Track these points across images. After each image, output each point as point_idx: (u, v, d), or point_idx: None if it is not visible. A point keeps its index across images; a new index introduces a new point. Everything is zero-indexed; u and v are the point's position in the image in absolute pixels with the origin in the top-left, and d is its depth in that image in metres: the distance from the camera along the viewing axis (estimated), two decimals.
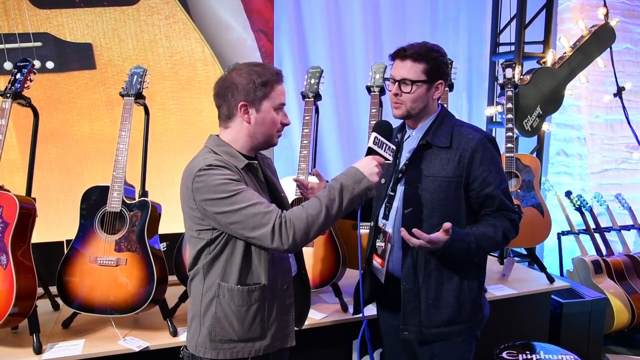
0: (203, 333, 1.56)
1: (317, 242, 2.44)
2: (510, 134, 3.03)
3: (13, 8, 2.88)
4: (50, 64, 2.97)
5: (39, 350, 1.98)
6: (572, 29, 4.12)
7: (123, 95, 2.27)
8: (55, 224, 2.97)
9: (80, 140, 3.08)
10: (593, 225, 3.86)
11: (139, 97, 2.28)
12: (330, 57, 3.69)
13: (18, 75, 2.16)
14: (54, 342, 2.07)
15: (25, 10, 2.90)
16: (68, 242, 2.27)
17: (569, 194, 3.93)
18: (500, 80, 3.26)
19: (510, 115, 3.10)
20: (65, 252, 2.18)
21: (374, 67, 2.69)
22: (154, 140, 2.67)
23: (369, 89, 2.67)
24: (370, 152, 1.58)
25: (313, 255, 2.42)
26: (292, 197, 2.42)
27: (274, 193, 1.70)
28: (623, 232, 4.00)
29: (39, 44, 2.94)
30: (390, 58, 1.75)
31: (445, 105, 1.87)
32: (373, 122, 2.60)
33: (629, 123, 4.12)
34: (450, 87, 2.79)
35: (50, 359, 1.96)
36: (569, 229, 3.87)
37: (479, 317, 1.82)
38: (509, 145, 3.00)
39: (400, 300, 1.76)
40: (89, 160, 3.09)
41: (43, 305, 2.33)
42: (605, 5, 3.71)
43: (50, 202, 3.01)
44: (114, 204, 2.15)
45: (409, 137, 1.83)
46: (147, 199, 2.19)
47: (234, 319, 1.54)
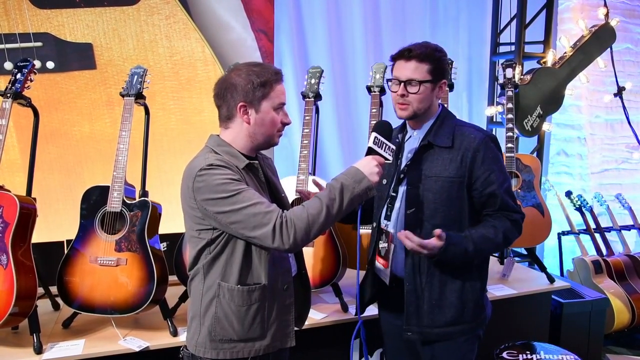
0: (203, 333, 1.56)
1: (317, 242, 2.44)
2: (511, 134, 3.03)
3: (13, 8, 2.88)
4: (51, 64, 2.97)
5: (39, 350, 1.98)
6: (572, 29, 4.12)
7: (123, 95, 2.27)
8: (56, 224, 2.97)
9: (81, 140, 3.08)
10: (593, 225, 3.86)
11: (139, 97, 2.28)
12: (331, 57, 3.69)
13: (18, 75, 2.16)
14: (54, 342, 2.07)
15: (26, 10, 2.90)
16: (68, 242, 2.27)
17: (569, 194, 3.93)
18: (501, 80, 3.27)
19: (511, 115, 3.10)
20: (66, 252, 2.18)
21: (374, 67, 2.69)
22: (154, 140, 2.68)
23: (369, 89, 2.67)
24: (371, 152, 1.58)
25: (313, 255, 2.42)
26: (292, 197, 2.42)
27: (275, 193, 1.70)
28: (623, 232, 4.00)
29: (40, 44, 2.94)
30: (392, 59, 1.74)
31: (446, 105, 1.87)
32: (373, 122, 2.60)
33: (629, 123, 4.12)
34: (451, 87, 2.79)
35: (51, 359, 1.95)
36: (569, 229, 3.87)
37: (482, 317, 1.82)
38: (509, 145, 3.00)
39: (403, 301, 1.76)
40: (89, 160, 3.09)
41: (43, 305, 2.32)
42: (606, 5, 3.71)
43: (51, 202, 3.01)
44: (114, 204, 2.15)
45: (410, 137, 1.83)
46: (147, 199, 2.19)
47: (234, 319, 1.54)
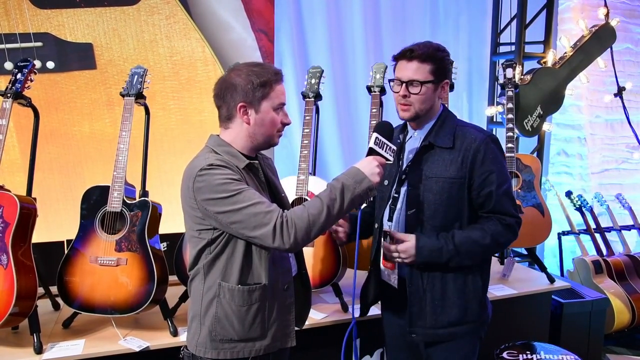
0: (203, 333, 1.56)
1: (317, 242, 2.44)
2: (511, 134, 3.03)
3: (14, 8, 2.88)
4: (51, 64, 2.98)
5: (40, 350, 1.98)
6: (572, 29, 4.12)
7: (123, 95, 2.27)
8: (56, 224, 2.97)
9: (81, 140, 3.08)
10: (593, 225, 3.86)
11: (140, 97, 2.28)
12: (331, 57, 3.69)
13: (19, 75, 2.16)
14: (55, 342, 2.07)
15: (26, 10, 2.90)
16: (68, 242, 2.27)
17: (570, 194, 3.93)
18: (501, 80, 3.27)
19: (511, 115, 3.10)
20: (66, 252, 2.18)
21: (374, 67, 2.69)
22: (155, 140, 2.68)
23: (370, 89, 2.67)
24: (371, 152, 1.58)
25: (313, 255, 2.42)
26: (292, 197, 2.42)
27: (275, 193, 1.70)
28: (623, 232, 4.00)
29: (40, 44, 2.94)
30: (394, 59, 1.72)
31: (446, 105, 1.87)
32: (373, 122, 2.60)
33: (630, 123, 4.12)
34: (451, 87, 2.78)
35: (51, 359, 1.95)
36: (570, 229, 3.87)
37: (484, 317, 1.82)
38: (510, 145, 3.00)
39: (406, 301, 1.76)
40: (90, 160, 3.09)
41: (43, 305, 2.32)
42: (606, 5, 3.71)
43: (51, 202, 3.01)
44: (115, 204, 2.15)
45: (411, 137, 1.82)
46: (147, 199, 2.19)
47: (235, 319, 1.54)
